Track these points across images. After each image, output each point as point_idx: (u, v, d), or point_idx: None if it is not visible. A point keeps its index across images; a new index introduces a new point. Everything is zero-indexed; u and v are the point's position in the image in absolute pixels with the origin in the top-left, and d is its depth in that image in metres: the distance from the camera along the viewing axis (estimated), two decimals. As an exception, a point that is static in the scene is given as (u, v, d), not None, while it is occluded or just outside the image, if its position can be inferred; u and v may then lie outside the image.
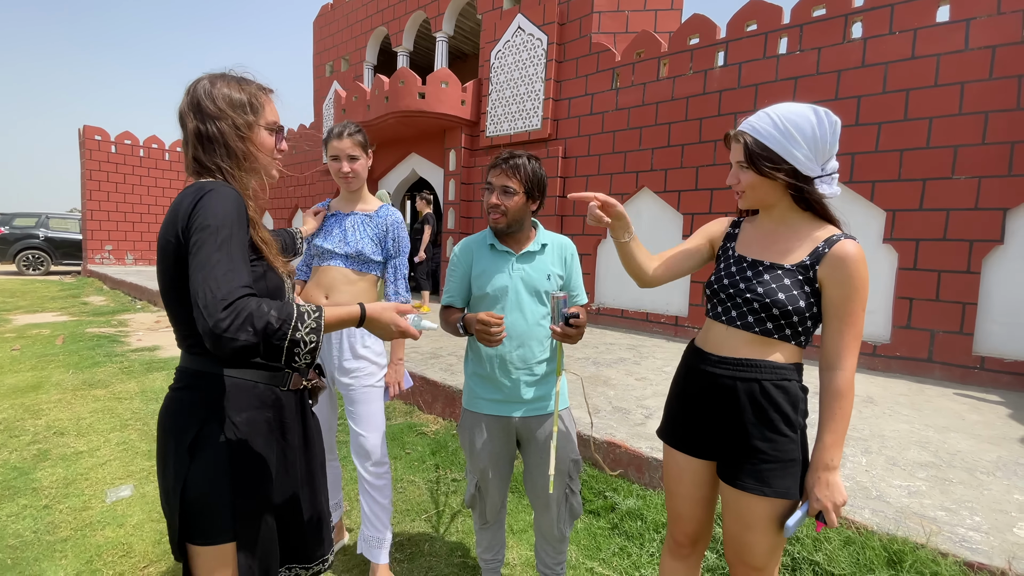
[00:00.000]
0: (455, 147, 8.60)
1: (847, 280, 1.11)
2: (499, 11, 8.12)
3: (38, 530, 2.22)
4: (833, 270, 1.12)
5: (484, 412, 1.65)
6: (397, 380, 2.04)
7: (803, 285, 1.15)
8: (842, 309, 1.12)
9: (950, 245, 4.55)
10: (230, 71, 1.13)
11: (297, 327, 0.92)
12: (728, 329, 1.23)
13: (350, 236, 1.93)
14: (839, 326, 1.13)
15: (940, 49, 4.54)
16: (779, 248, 1.20)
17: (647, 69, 6.47)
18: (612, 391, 3.66)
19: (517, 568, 2.06)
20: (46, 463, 2.86)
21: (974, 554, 1.78)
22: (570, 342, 1.48)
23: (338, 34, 11.53)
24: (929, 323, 4.66)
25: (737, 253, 1.28)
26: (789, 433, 1.16)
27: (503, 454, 1.67)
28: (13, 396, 3.95)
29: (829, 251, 1.13)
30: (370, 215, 1.98)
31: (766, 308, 1.16)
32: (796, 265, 1.16)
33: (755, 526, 1.16)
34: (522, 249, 1.64)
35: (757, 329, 1.18)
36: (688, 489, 1.31)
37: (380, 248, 1.97)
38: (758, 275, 1.19)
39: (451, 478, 2.78)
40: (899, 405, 3.68)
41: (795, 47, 5.32)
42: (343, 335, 1.92)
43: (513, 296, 1.60)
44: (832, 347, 1.14)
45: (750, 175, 1.17)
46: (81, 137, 14.76)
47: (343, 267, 1.93)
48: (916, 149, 4.67)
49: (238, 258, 0.94)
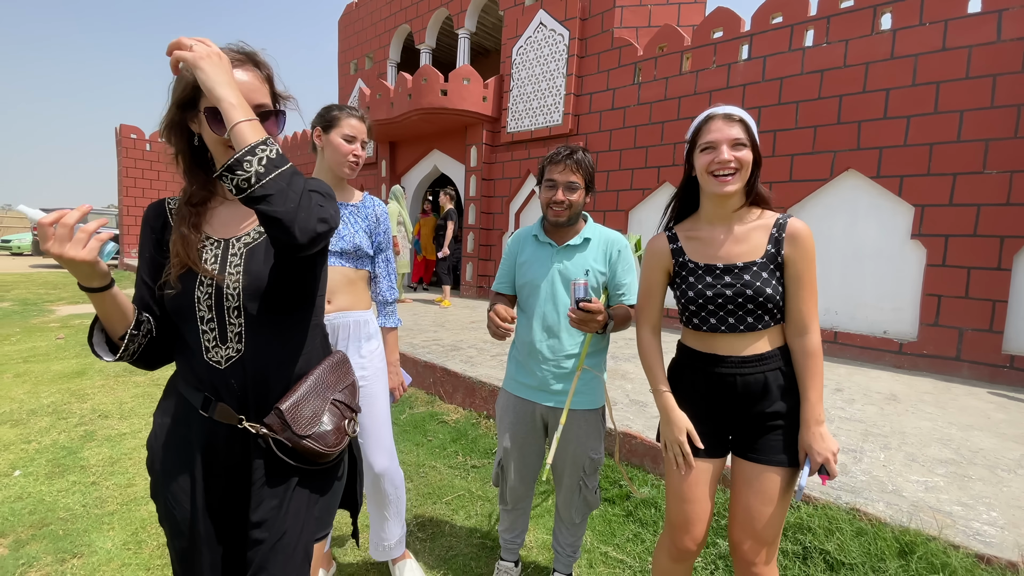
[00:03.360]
0: (476, 143, 8.68)
1: (804, 253, 1.25)
2: (521, 7, 8.16)
3: (87, 504, 2.38)
4: (793, 249, 1.26)
5: (515, 393, 1.74)
6: (400, 383, 1.98)
7: (775, 272, 1.27)
8: (803, 279, 1.25)
9: (980, 241, 4.45)
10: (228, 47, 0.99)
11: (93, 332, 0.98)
12: (716, 336, 1.31)
13: (343, 231, 1.73)
14: (803, 294, 1.26)
15: (972, 40, 4.42)
16: (741, 246, 1.30)
17: (670, 63, 6.44)
18: (630, 384, 3.70)
19: (534, 550, 2.14)
20: (92, 443, 3.05)
21: (987, 547, 1.78)
22: (586, 329, 1.49)
23: (362, 32, 11.71)
24: (958, 321, 4.57)
25: (702, 263, 1.33)
26: (795, 407, 1.28)
27: (528, 440, 1.73)
28: (60, 382, 4.19)
29: (785, 234, 1.26)
30: (357, 206, 1.80)
31: (761, 305, 1.25)
32: (765, 256, 1.27)
33: (774, 497, 1.26)
34: (564, 242, 1.67)
35: (760, 327, 1.28)
36: (704, 491, 1.34)
37: (372, 241, 1.82)
38: (737, 277, 1.27)
39: (471, 464, 2.87)
40: (923, 403, 3.64)
41: (822, 39, 5.23)
42: (347, 334, 1.76)
43: (548, 287, 1.65)
44: (799, 315, 1.26)
45: (747, 153, 1.26)
46: (118, 136, 15.31)
47: (339, 265, 1.73)
48: (946, 143, 4.57)
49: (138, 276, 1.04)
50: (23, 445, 2.96)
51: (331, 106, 1.74)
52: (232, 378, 0.98)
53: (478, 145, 8.66)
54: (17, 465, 2.71)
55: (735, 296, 1.26)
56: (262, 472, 0.99)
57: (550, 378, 1.66)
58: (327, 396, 1.04)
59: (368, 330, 1.81)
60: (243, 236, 1.03)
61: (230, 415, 0.98)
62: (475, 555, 2.09)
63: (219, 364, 0.98)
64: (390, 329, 1.93)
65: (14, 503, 2.34)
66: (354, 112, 1.72)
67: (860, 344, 5.08)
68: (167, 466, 1.03)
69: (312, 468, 1.02)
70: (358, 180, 11.74)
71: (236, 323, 0.98)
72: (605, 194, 7.10)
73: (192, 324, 0.98)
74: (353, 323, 1.76)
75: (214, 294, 0.97)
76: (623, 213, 6.95)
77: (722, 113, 1.27)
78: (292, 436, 0.96)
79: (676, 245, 1.38)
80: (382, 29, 11.13)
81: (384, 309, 1.92)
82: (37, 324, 6.51)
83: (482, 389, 3.58)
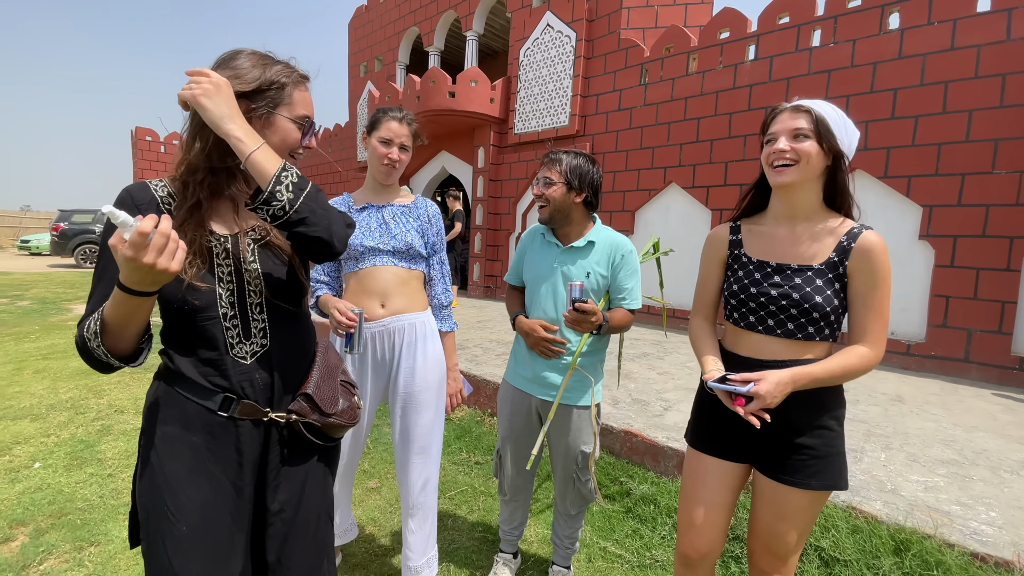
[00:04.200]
0: (484, 144, 8.74)
1: (874, 271, 1.13)
2: (528, 9, 8.21)
3: (103, 495, 2.47)
4: (860, 263, 1.14)
5: (513, 384, 1.80)
6: (459, 389, 1.88)
7: (834, 283, 1.16)
8: (868, 299, 1.15)
9: (989, 242, 4.41)
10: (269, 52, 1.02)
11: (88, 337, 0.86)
12: (765, 338, 1.22)
13: (394, 229, 1.71)
14: (865, 314, 1.15)
15: (981, 40, 4.39)
16: (802, 248, 1.20)
17: (676, 64, 6.45)
18: (633, 384, 3.73)
19: (534, 544, 2.18)
20: (109, 437, 3.14)
21: (983, 546, 1.80)
22: (580, 329, 1.55)
23: (372, 35, 11.83)
24: (966, 322, 4.54)
25: (755, 259, 1.26)
26: (836, 428, 1.19)
27: (524, 431, 1.79)
28: (78, 378, 4.31)
29: (855, 245, 1.15)
30: (409, 206, 1.77)
31: (805, 313, 1.16)
32: (824, 263, 1.17)
33: (791, 517, 1.20)
34: (569, 243, 1.72)
35: (800, 335, 1.18)
36: (711, 494, 1.28)
37: (424, 242, 1.78)
38: (787, 279, 1.19)
39: (474, 461, 2.92)
40: (929, 404, 3.63)
41: (829, 39, 5.22)
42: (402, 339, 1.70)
43: (549, 286, 1.71)
44: (857, 334, 1.16)
45: (812, 144, 1.15)
46: (133, 138, 15.61)
47: (392, 265, 1.70)
48: (955, 143, 4.54)
49: (97, 280, 0.92)
50: (43, 438, 3.06)
51: (379, 108, 1.73)
52: (257, 372, 1.00)
53: (485, 146, 8.72)
54: (37, 457, 2.81)
55: (779, 298, 1.18)
56: (280, 457, 1.03)
57: (545, 371, 1.71)
58: (336, 377, 1.13)
59: (425, 332, 1.75)
60: (249, 232, 1.03)
61: (254, 410, 0.99)
62: (476, 548, 2.14)
63: (244, 360, 0.99)
64: (447, 333, 1.87)
65: (34, 494, 2.43)
66: (395, 114, 1.68)
67: (867, 345, 5.05)
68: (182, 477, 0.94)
69: (329, 444, 1.11)
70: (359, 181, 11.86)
71: (260, 319, 1.01)
72: (611, 195, 7.12)
73: (215, 322, 0.96)
74: (408, 326, 1.71)
75: (236, 291, 0.98)
76: (629, 214, 6.97)
77: (791, 105, 1.20)
78: (320, 417, 1.04)
79: (736, 237, 1.32)
80: (391, 32, 11.24)
81: (440, 313, 1.86)
82: (55, 322, 6.67)
83: (486, 387, 3.62)
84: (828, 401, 1.19)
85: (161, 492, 0.93)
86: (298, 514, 1.05)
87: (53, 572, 1.89)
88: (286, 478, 1.04)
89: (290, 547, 1.04)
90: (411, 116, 1.72)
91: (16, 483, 2.52)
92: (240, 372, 0.98)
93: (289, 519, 1.04)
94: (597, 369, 1.75)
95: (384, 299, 1.69)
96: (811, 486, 1.16)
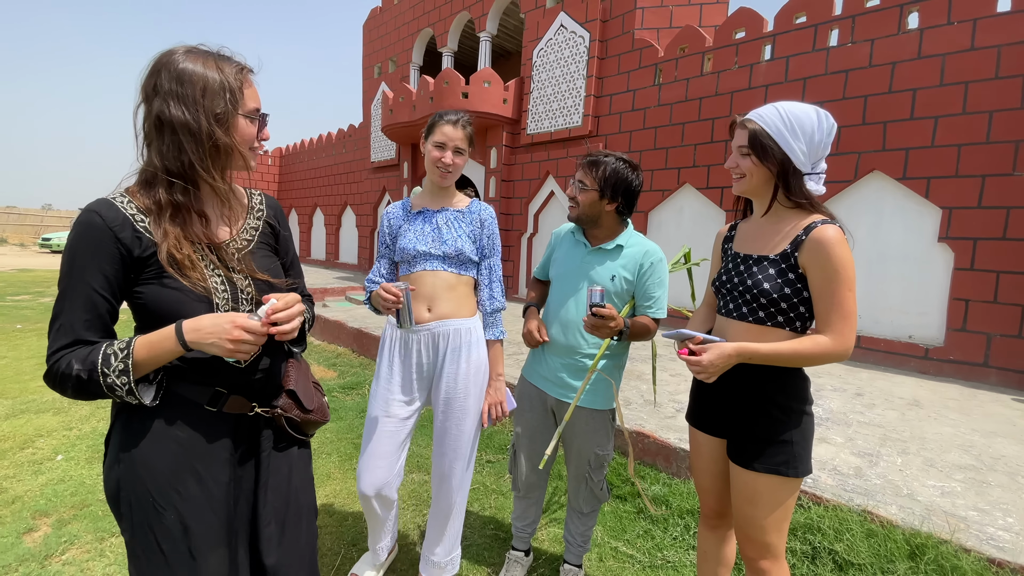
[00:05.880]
0: (496, 145, 8.77)
1: (826, 263, 1.16)
2: (542, 9, 8.22)
3: (124, 487, 2.52)
4: (812, 255, 1.18)
5: (530, 380, 1.82)
6: (500, 400, 1.81)
7: (786, 273, 1.22)
8: (824, 291, 1.17)
9: (1010, 244, 4.34)
10: (200, 46, 0.96)
11: (104, 372, 0.87)
12: (728, 320, 1.33)
13: (446, 234, 1.70)
14: (823, 307, 1.18)
15: (1001, 40, 4.32)
16: (767, 241, 1.29)
17: (691, 64, 6.42)
18: (644, 385, 3.72)
19: (546, 543, 2.19)
20: (128, 431, 3.21)
21: (1000, 552, 1.77)
22: (598, 334, 1.54)
23: (386, 36, 11.92)
24: (986, 326, 4.46)
25: (734, 251, 1.38)
26: (779, 416, 1.24)
27: (538, 429, 1.80)
28: (98, 373, 4.41)
29: (807, 237, 1.19)
30: (462, 211, 1.76)
31: (755, 298, 1.25)
32: (779, 254, 1.24)
33: (755, 500, 1.25)
34: (598, 244, 1.72)
35: (751, 318, 1.28)
36: (706, 464, 1.43)
37: (476, 247, 1.76)
38: (748, 268, 1.29)
39: (486, 459, 2.94)
40: (946, 409, 3.57)
41: (847, 39, 5.16)
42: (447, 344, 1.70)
43: (573, 285, 1.71)
44: (820, 326, 1.21)
45: (749, 162, 1.24)
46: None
47: (441, 270, 1.70)
48: (975, 144, 4.47)
49: (69, 306, 0.90)
50: (65, 432, 3.14)
51: (436, 112, 1.72)
52: (250, 372, 1.05)
53: (498, 147, 8.74)
54: (59, 450, 2.88)
55: (738, 284, 1.29)
56: (268, 449, 1.08)
57: (562, 372, 1.72)
58: (309, 376, 1.19)
59: (471, 339, 1.73)
60: (232, 242, 1.03)
61: (242, 404, 1.03)
62: (488, 545, 2.16)
63: (239, 362, 1.01)
64: (493, 341, 1.81)
65: (56, 485, 2.49)
66: (450, 118, 1.67)
67: (884, 349, 4.99)
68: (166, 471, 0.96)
69: (306, 439, 1.17)
70: (380, 181, 11.95)
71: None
72: (624, 195, 7.10)
73: None
74: (454, 331, 1.70)
75: (230, 298, 1.00)
76: (643, 215, 6.95)
77: (740, 120, 1.27)
78: (300, 413, 1.09)
79: (731, 233, 1.44)
80: (405, 33, 11.32)
81: (487, 319, 1.82)
82: (76, 318, 6.83)
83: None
84: (770, 389, 1.25)
85: (145, 485, 0.94)
86: (294, 500, 1.12)
87: (75, 562, 1.94)
88: (277, 467, 1.09)
89: (286, 546, 1.09)
90: (467, 119, 1.70)
91: (39, 475, 2.58)
92: (234, 372, 1.02)
93: (281, 504, 1.09)
94: (619, 377, 1.75)
95: (431, 303, 1.69)
96: (753, 468, 1.24)
